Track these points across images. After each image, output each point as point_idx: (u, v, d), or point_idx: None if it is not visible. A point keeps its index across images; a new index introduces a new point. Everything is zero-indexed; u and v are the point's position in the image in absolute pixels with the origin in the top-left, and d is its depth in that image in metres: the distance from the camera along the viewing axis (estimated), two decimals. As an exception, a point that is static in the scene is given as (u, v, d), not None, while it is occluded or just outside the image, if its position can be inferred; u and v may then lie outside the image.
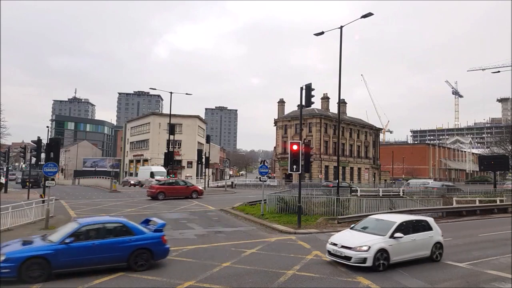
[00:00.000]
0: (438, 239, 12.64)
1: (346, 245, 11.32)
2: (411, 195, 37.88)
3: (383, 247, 11.12)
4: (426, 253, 12.26)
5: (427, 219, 13.40)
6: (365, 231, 12.11)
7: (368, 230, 12.14)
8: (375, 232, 11.77)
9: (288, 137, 65.12)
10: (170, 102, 44.69)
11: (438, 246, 12.55)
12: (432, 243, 12.40)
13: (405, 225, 12.09)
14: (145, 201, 30.37)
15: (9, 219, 16.77)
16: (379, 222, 12.54)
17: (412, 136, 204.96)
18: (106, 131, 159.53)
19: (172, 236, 16.31)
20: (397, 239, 11.43)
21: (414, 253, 11.97)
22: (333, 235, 12.79)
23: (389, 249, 11.20)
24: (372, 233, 11.75)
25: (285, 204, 22.78)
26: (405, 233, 11.73)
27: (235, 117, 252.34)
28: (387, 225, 11.98)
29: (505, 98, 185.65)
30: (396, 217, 12.85)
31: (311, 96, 19.86)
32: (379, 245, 11.10)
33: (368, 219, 13.38)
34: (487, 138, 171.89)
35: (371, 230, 12.10)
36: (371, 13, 22.70)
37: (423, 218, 13.40)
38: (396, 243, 11.39)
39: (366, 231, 12.09)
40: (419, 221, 12.94)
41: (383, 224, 12.24)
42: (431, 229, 12.68)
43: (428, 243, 12.33)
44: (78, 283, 9.63)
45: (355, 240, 11.50)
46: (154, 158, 66.69)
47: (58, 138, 28.63)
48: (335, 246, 11.62)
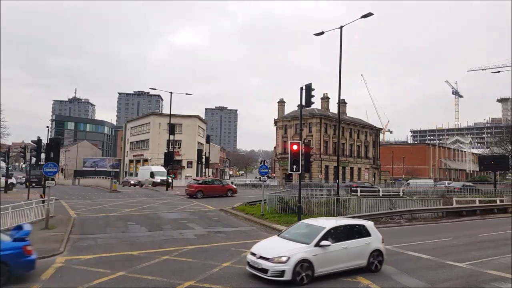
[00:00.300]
0: (376, 246, 11.22)
1: (265, 255, 9.86)
2: (411, 195, 37.89)
3: (305, 258, 9.73)
4: (361, 262, 10.83)
5: (365, 223, 11.85)
6: (292, 239, 10.67)
7: (295, 237, 10.73)
8: (301, 240, 10.41)
9: (288, 137, 65.11)
10: (170, 102, 44.88)
11: (376, 254, 11.10)
12: (369, 251, 10.98)
13: (336, 231, 10.78)
14: (145, 201, 30.39)
15: (9, 219, 16.74)
16: (308, 228, 11.06)
17: (412, 136, 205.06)
18: (106, 131, 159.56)
19: (172, 236, 16.37)
20: (323, 248, 10.06)
21: (346, 263, 10.55)
22: (257, 243, 11.29)
23: (313, 260, 9.83)
24: (298, 241, 10.38)
25: (285, 204, 22.78)
26: (336, 240, 10.48)
27: (235, 117, 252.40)
28: (315, 231, 10.55)
29: (505, 98, 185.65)
30: (329, 222, 11.35)
31: (311, 96, 19.86)
32: (300, 255, 9.72)
33: (299, 224, 11.90)
34: (487, 138, 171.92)
35: (298, 237, 10.71)
36: (371, 13, 22.69)
37: (360, 223, 11.83)
38: (322, 252, 10.03)
39: (292, 239, 10.66)
40: (355, 226, 11.48)
41: (311, 230, 10.79)
42: (368, 235, 11.25)
43: (364, 251, 10.92)
44: None
45: (276, 249, 10.09)
46: (154, 158, 66.70)
47: (58, 138, 28.66)
48: (253, 257, 10.15)
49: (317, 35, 24.84)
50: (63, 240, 14.47)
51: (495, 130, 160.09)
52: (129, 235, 16.48)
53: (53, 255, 12.41)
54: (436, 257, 13.06)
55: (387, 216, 22.33)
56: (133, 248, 13.73)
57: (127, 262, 11.71)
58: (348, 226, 11.34)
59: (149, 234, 16.78)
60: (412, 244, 15.38)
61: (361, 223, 11.80)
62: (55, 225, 17.70)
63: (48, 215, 17.55)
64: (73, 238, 15.41)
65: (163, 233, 16.97)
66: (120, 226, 18.69)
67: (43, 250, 12.75)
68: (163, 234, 16.71)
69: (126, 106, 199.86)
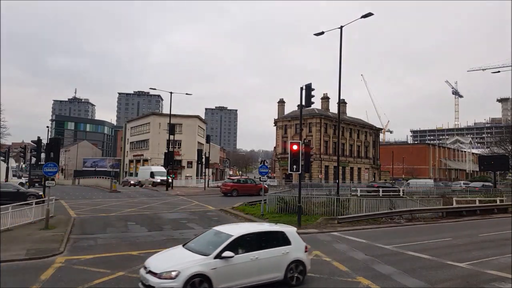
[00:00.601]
0: (297, 256, 9.80)
1: (154, 269, 8.37)
2: (411, 195, 37.89)
3: (200, 272, 8.30)
4: (277, 275, 9.42)
5: (285, 229, 10.35)
6: (194, 249, 9.21)
7: (199, 248, 9.24)
8: (203, 251, 8.96)
9: (288, 137, 65.13)
10: (170, 102, 44.92)
11: (295, 265, 9.69)
12: (288, 262, 9.56)
13: (245, 240, 9.38)
14: (145, 201, 30.39)
15: (9, 219, 16.73)
16: (216, 236, 9.59)
17: (412, 136, 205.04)
18: (106, 131, 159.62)
19: (172, 236, 16.37)
20: (226, 260, 8.65)
21: (257, 276, 9.10)
22: (156, 253, 9.80)
23: (212, 274, 8.38)
24: (199, 252, 8.94)
25: (285, 204, 22.79)
26: (246, 250, 9.14)
27: (235, 117, 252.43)
28: (221, 240, 9.16)
29: (505, 98, 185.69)
30: (239, 229, 9.90)
31: (311, 96, 19.87)
32: (194, 269, 8.28)
33: (209, 231, 10.35)
34: (487, 138, 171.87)
35: (202, 247, 9.22)
36: (371, 13, 22.71)
37: (278, 229, 10.31)
38: (224, 265, 8.62)
39: (195, 249, 9.20)
40: (271, 233, 10.07)
41: (218, 238, 9.36)
42: (288, 244, 9.82)
43: (281, 261, 9.50)
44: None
45: (168, 262, 8.65)
46: (154, 158, 66.72)
47: (58, 138, 28.65)
48: (144, 271, 8.69)
49: (317, 35, 24.87)
50: (63, 240, 14.46)
51: (495, 130, 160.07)
52: (129, 235, 16.48)
53: (53, 255, 12.40)
54: (436, 257, 13.05)
55: (387, 216, 22.33)
56: (133, 248, 13.73)
57: (127, 262, 11.70)
58: (261, 234, 9.91)
59: (149, 234, 16.78)
60: (412, 244, 15.38)
61: (280, 229, 10.32)
62: (55, 225, 17.69)
63: (48, 215, 17.54)
64: (73, 238, 15.40)
65: (163, 233, 16.97)
66: (120, 226, 18.68)
67: (43, 250, 12.78)
68: (163, 234, 16.72)
69: (126, 106, 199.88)
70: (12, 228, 16.71)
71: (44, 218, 17.88)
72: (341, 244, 15.17)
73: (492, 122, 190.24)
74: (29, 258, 11.98)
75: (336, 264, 11.82)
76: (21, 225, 17.52)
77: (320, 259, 12.51)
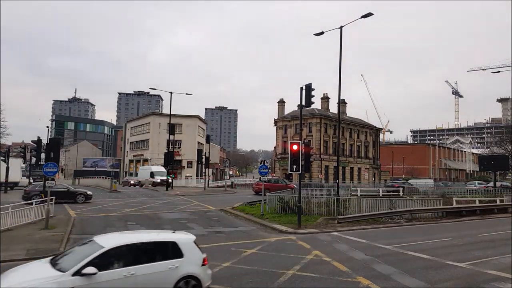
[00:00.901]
0: (190, 271, 8.27)
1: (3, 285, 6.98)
2: (411, 195, 37.89)
3: None
4: None
5: (177, 239, 8.67)
6: (61, 263, 7.68)
7: (67, 261, 7.71)
8: (65, 266, 7.48)
9: (288, 137, 65.12)
10: (170, 102, 44.93)
11: (185, 282, 8.14)
12: (177, 278, 8.04)
13: (121, 252, 7.83)
14: (145, 201, 30.39)
15: (9, 219, 16.75)
16: (90, 247, 8.03)
17: (412, 136, 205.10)
18: (106, 131, 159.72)
19: (172, 236, 16.36)
20: (88, 277, 7.17)
21: None
22: (14, 268, 8.06)
23: None
24: (61, 267, 7.45)
25: (285, 204, 22.80)
26: (123, 264, 7.64)
27: (235, 117, 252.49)
28: (89, 252, 7.66)
29: (505, 98, 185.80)
30: (117, 239, 8.30)
31: (311, 96, 19.88)
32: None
33: (89, 241, 8.43)
34: (487, 138, 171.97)
35: (70, 260, 7.68)
36: (371, 13, 22.72)
37: (168, 239, 8.64)
38: (85, 283, 7.14)
39: (61, 263, 7.67)
40: (158, 244, 8.38)
41: (88, 250, 7.84)
42: (179, 256, 8.29)
43: (168, 278, 7.98)
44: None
45: (14, 281, 7.06)
46: (154, 158, 66.75)
47: (58, 138, 28.61)
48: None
49: (317, 35, 24.88)
50: (63, 240, 14.48)
51: (495, 130, 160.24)
52: (129, 235, 16.46)
53: (53, 255, 12.38)
54: (436, 257, 13.04)
55: (387, 216, 22.33)
56: (133, 248, 13.70)
57: (127, 262, 11.67)
58: (144, 245, 8.22)
59: (149, 234, 16.76)
60: (412, 244, 15.38)
61: (171, 239, 8.62)
62: (55, 225, 17.70)
63: (48, 215, 17.55)
64: (73, 238, 15.38)
65: (163, 233, 16.95)
66: (120, 226, 18.68)
67: (43, 250, 12.78)
68: (163, 234, 16.69)
69: (126, 106, 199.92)
70: (12, 228, 16.71)
71: (44, 218, 17.89)
72: (341, 244, 15.17)
73: (492, 122, 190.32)
74: (29, 258, 11.95)
75: (336, 264, 11.82)
76: (21, 225, 17.54)
77: (320, 259, 12.51)
